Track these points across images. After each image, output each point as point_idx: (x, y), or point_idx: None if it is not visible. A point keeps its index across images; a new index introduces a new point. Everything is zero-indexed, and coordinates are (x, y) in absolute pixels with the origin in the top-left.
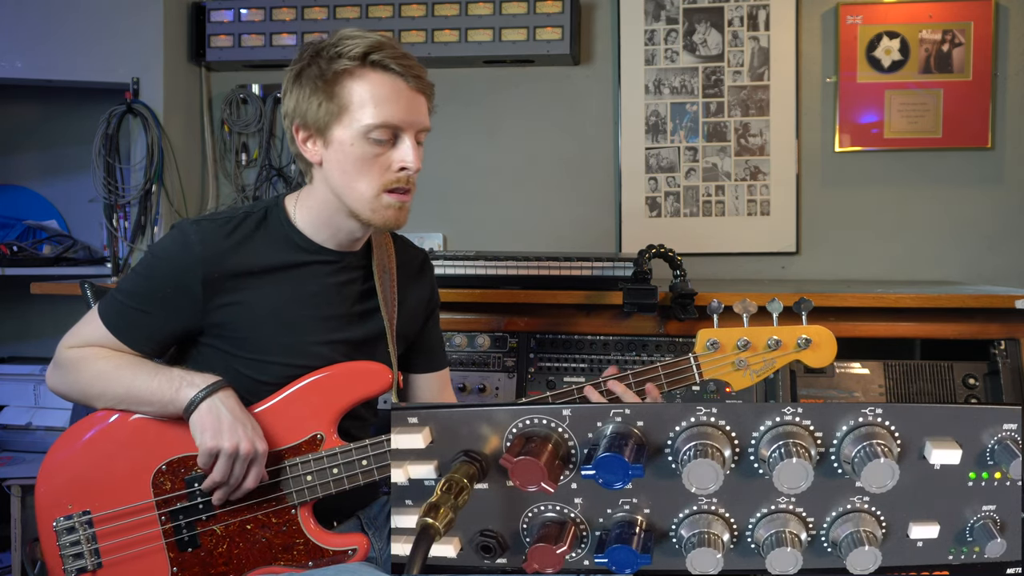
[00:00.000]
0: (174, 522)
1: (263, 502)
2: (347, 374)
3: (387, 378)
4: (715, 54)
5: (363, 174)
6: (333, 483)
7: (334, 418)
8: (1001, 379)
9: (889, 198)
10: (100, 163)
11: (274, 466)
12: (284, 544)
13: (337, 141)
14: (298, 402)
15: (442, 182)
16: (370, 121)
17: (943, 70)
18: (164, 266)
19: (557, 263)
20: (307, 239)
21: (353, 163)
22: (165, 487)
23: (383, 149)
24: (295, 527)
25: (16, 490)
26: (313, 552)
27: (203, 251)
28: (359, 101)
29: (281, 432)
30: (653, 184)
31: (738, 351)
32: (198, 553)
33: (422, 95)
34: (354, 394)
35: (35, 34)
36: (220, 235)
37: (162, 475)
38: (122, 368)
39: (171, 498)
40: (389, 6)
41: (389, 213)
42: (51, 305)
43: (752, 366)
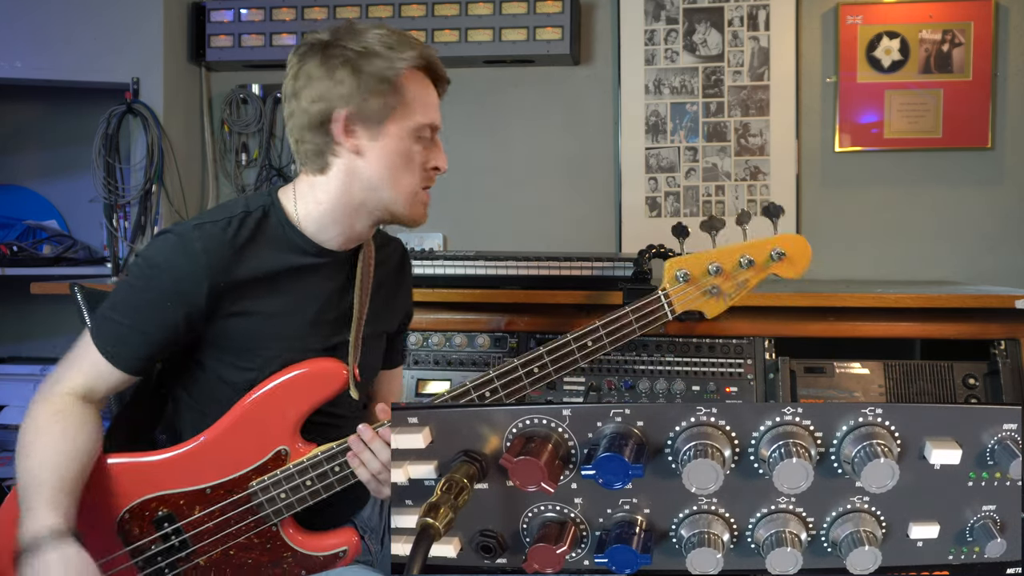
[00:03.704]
0: (154, 566)
1: (241, 527)
2: (299, 379)
3: (342, 376)
4: (715, 54)
5: (408, 169)
6: (310, 495)
7: (294, 428)
8: (1001, 379)
9: (889, 198)
10: (100, 163)
11: (242, 491)
12: (271, 560)
13: (390, 135)
14: (253, 419)
15: (442, 182)
16: (423, 120)
17: (943, 70)
18: (165, 276)
19: (557, 263)
20: (308, 240)
21: (401, 157)
22: (134, 534)
23: (424, 148)
24: (279, 543)
25: None
26: (303, 561)
27: (208, 260)
28: (416, 100)
29: (242, 454)
30: (653, 184)
31: (710, 277)
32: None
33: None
34: (310, 399)
35: (35, 34)
36: (224, 241)
37: (127, 523)
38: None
39: (144, 544)
40: (389, 6)
41: (419, 210)
42: (51, 305)
43: (725, 291)
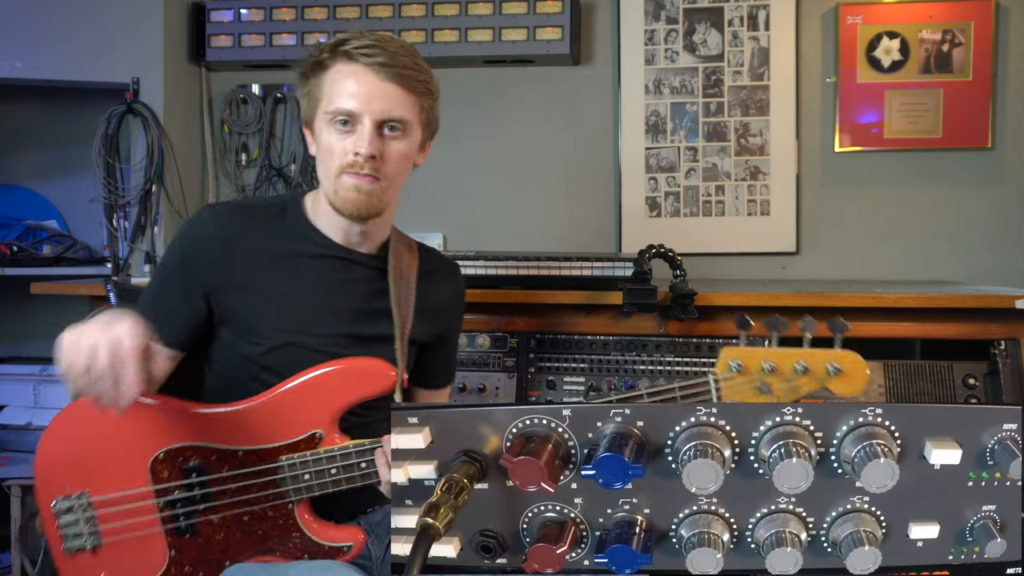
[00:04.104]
0: (172, 511)
1: (260, 496)
2: (349, 372)
3: (391, 378)
4: (715, 54)
5: (328, 158)
6: (331, 483)
7: (334, 416)
8: (1001, 379)
9: (889, 198)
10: (100, 163)
11: (270, 462)
12: (280, 536)
13: (316, 131)
14: (297, 398)
15: (442, 182)
16: (330, 107)
17: (943, 70)
18: (176, 247)
19: (557, 263)
20: (322, 235)
21: (323, 149)
22: (163, 475)
23: (345, 135)
24: (292, 521)
25: (16, 490)
26: (308, 546)
27: (217, 230)
28: (328, 91)
29: (279, 428)
30: (653, 184)
31: (763, 374)
32: (196, 539)
33: (395, 84)
34: (355, 393)
35: (35, 34)
36: (237, 218)
37: (160, 463)
38: None
39: (170, 487)
40: (389, 6)
41: (349, 195)
42: (51, 305)
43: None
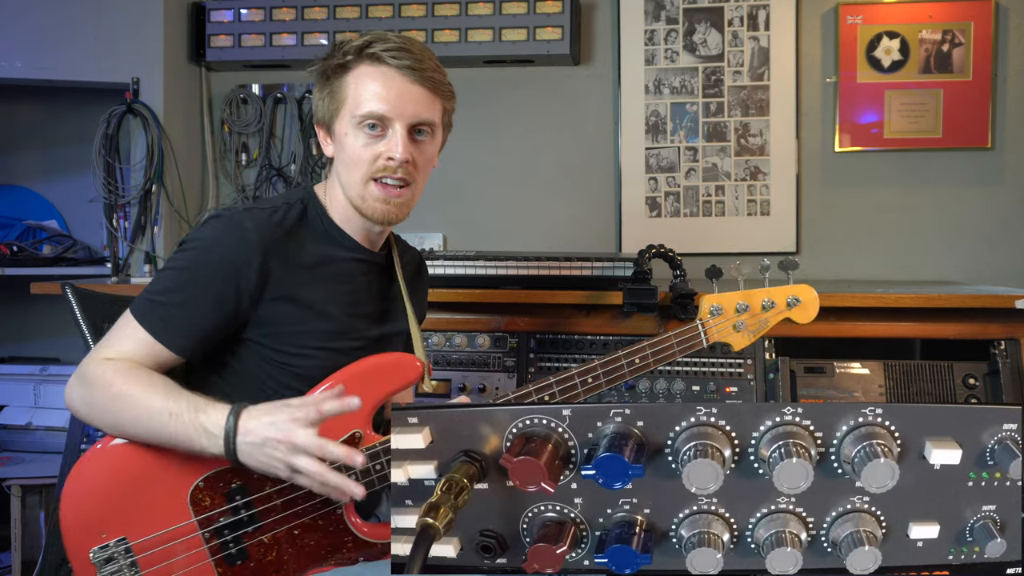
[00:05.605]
0: (220, 539)
1: (308, 507)
2: (378, 368)
3: (418, 369)
4: (715, 54)
5: (356, 164)
6: (377, 480)
7: (369, 413)
8: (1001, 379)
9: (889, 198)
10: (100, 163)
11: None
12: (332, 544)
13: (339, 134)
14: None
15: (442, 182)
16: (358, 111)
17: (943, 70)
18: (215, 255)
19: (557, 263)
20: (345, 234)
21: (349, 154)
22: (205, 504)
23: (374, 140)
24: (343, 527)
25: (16, 490)
26: (361, 547)
27: (260, 238)
28: (353, 93)
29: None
30: (653, 184)
31: (738, 314)
32: (247, 564)
33: (423, 87)
34: (387, 387)
35: (35, 34)
36: (273, 224)
37: (200, 492)
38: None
39: (213, 515)
40: (389, 6)
41: (377, 206)
42: (51, 305)
43: (749, 327)
